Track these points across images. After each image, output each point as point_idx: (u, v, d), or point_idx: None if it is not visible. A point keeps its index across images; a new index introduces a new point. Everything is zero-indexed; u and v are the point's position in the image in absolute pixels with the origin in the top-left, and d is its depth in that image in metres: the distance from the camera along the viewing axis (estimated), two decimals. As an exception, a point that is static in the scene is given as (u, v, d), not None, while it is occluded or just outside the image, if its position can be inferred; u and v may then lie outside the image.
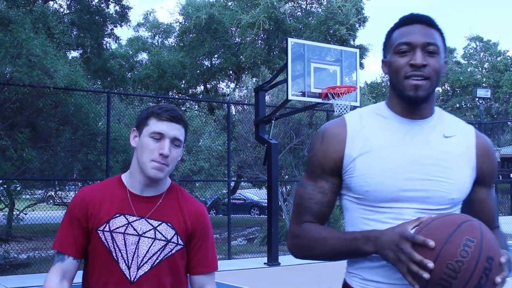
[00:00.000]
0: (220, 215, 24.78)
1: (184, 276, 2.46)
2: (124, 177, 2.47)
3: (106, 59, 24.40)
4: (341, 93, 10.95)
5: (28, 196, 14.39)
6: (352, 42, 23.87)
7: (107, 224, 2.33)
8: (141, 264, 2.33)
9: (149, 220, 2.37)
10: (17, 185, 13.38)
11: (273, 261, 11.70)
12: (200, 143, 16.03)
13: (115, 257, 2.32)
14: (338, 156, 2.13)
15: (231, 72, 26.66)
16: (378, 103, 2.23)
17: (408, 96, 2.06)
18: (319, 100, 11.19)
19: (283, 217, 16.67)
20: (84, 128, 12.45)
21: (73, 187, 16.68)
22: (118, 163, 12.69)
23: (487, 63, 42.51)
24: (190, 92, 27.52)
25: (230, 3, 26.69)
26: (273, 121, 11.87)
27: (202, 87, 28.14)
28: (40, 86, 10.91)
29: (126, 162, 13.02)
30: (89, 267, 2.38)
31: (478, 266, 1.80)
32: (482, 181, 2.21)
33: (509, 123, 44.50)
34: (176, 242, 2.39)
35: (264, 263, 11.91)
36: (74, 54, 23.09)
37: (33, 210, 13.95)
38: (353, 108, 12.35)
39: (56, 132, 12.48)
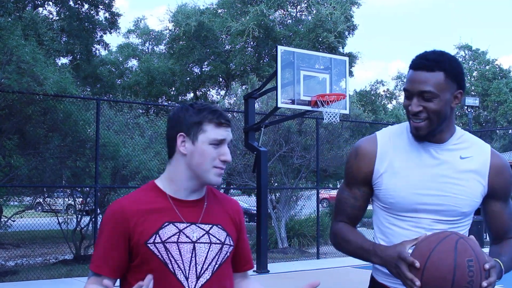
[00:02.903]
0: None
1: (232, 279, 2.41)
2: (160, 183, 2.32)
3: (96, 65, 24.40)
4: (330, 101, 10.97)
5: (16, 203, 14.31)
6: (341, 50, 23.98)
7: (157, 235, 2.18)
8: (201, 272, 2.21)
9: (200, 225, 2.27)
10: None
11: (262, 268, 11.69)
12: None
13: (172, 269, 2.18)
14: (369, 170, 2.51)
15: (221, 79, 26.69)
16: (405, 124, 2.55)
17: (412, 134, 2.43)
18: (309, 108, 11.21)
19: (272, 224, 16.66)
20: (73, 135, 12.41)
21: (62, 194, 16.60)
22: (107, 170, 12.66)
23: (476, 72, 42.76)
24: (179, 99, 27.52)
25: (220, 11, 26.74)
26: (262, 129, 11.88)
27: (192, 94, 28.15)
28: (29, 93, 10.88)
29: (115, 168, 13.00)
30: (134, 284, 2.14)
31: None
32: (494, 196, 2.51)
33: (497, 131, 44.76)
34: (229, 243, 2.32)
35: (253, 271, 11.90)
36: (63, 60, 23.06)
37: (21, 217, 13.87)
38: (343, 116, 12.39)
39: (45, 139, 12.43)
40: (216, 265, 2.25)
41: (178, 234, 2.21)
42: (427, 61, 2.34)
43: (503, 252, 2.46)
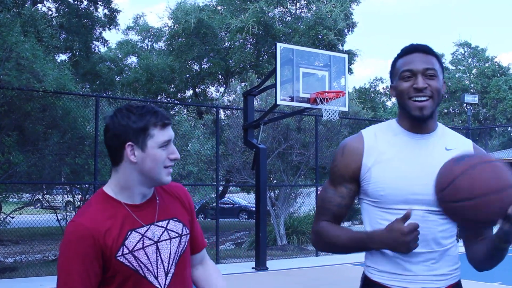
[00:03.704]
0: (209, 219, 24.77)
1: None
2: (112, 192, 2.29)
3: (95, 62, 24.34)
4: (329, 98, 10.98)
5: (15, 200, 14.33)
6: (340, 47, 23.95)
7: (124, 247, 2.19)
8: (168, 268, 2.27)
9: (157, 224, 2.29)
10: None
11: (261, 265, 11.71)
12: (188, 148, 16.00)
13: (142, 273, 2.21)
14: (356, 166, 2.51)
15: (220, 76, 26.67)
16: (390, 121, 2.61)
17: (415, 116, 2.43)
18: (308, 105, 11.22)
19: (271, 221, 16.68)
20: (72, 131, 12.41)
21: (61, 190, 16.61)
22: (106, 166, 12.66)
23: (475, 69, 42.76)
24: (179, 96, 27.50)
25: (219, 8, 26.71)
26: (261, 126, 11.90)
27: (191, 91, 28.12)
28: (29, 90, 10.88)
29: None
30: None
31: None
32: None
33: (496, 128, 44.80)
34: (186, 232, 2.37)
35: (252, 268, 11.91)
36: (62, 57, 23.02)
37: (20, 214, 13.88)
38: (342, 113, 12.40)
39: (44, 136, 12.44)
40: (178, 257, 2.31)
41: (142, 239, 2.23)
42: (423, 46, 2.46)
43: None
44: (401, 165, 2.43)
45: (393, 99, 45.09)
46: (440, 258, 2.42)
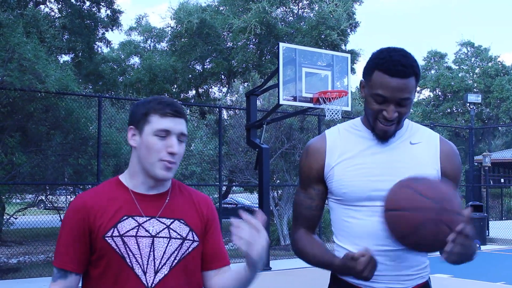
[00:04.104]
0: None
1: (200, 276, 2.32)
2: (123, 178, 2.28)
3: (98, 63, 24.37)
4: (332, 98, 10.96)
5: (18, 201, 14.34)
6: (343, 47, 23.93)
7: (115, 229, 2.13)
8: (159, 267, 2.15)
9: (160, 219, 2.20)
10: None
11: (264, 265, 11.70)
12: (191, 148, 16.01)
13: (129, 263, 2.12)
14: (320, 165, 2.51)
15: (222, 76, 26.67)
16: (355, 119, 2.58)
17: (377, 135, 2.42)
18: (311, 105, 11.21)
19: (275, 221, 16.67)
20: (75, 132, 12.42)
21: (64, 191, 16.62)
22: (109, 167, 12.67)
23: (478, 69, 42.70)
24: (181, 97, 27.48)
25: (222, 8, 26.70)
26: (264, 126, 11.88)
27: (193, 92, 28.13)
28: (31, 90, 10.89)
29: (117, 166, 12.99)
30: (95, 279, 2.18)
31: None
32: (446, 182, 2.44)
33: (499, 128, 44.73)
34: (192, 239, 2.24)
35: (255, 268, 11.90)
36: (65, 58, 23.04)
37: (24, 215, 13.90)
38: (345, 112, 12.38)
39: (47, 136, 12.45)
40: (175, 261, 2.19)
41: (137, 227, 2.15)
42: (404, 67, 2.30)
43: None
44: (364, 162, 2.42)
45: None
46: (405, 257, 2.37)
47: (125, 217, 2.16)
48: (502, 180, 29.54)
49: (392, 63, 2.31)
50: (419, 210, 2.12)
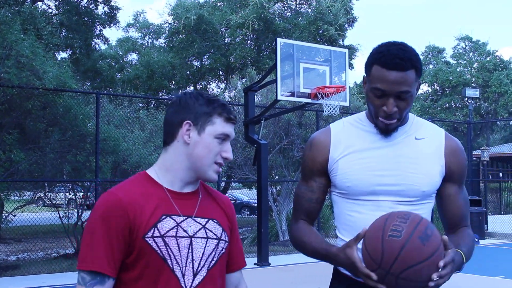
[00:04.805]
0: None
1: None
2: (154, 174, 2.16)
3: (95, 60, 24.38)
4: (330, 93, 10.95)
5: (17, 198, 14.33)
6: (341, 42, 23.94)
7: (155, 229, 2.02)
8: (198, 269, 2.08)
9: (196, 219, 2.13)
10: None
11: (263, 261, 11.70)
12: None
13: (170, 265, 2.03)
14: (324, 158, 2.51)
15: (220, 72, 26.66)
16: (360, 113, 2.58)
17: (380, 130, 2.43)
18: (309, 100, 11.20)
19: (273, 217, 16.67)
20: (73, 129, 12.39)
21: (63, 188, 16.61)
22: (107, 164, 12.66)
23: (476, 63, 42.72)
24: (179, 93, 27.49)
25: (219, 4, 26.69)
26: (262, 122, 11.87)
27: (191, 88, 28.13)
28: (29, 87, 10.87)
29: (115, 163, 12.98)
30: (128, 283, 2.04)
31: None
32: (451, 178, 2.50)
33: (498, 122, 44.77)
34: (225, 239, 2.20)
35: (254, 264, 11.91)
36: (63, 55, 23.04)
37: (22, 212, 13.88)
38: (343, 108, 12.38)
39: (45, 133, 12.43)
40: (213, 262, 2.13)
41: (176, 228, 2.06)
42: (402, 61, 2.28)
43: (463, 243, 2.39)
44: (368, 156, 2.42)
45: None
46: None
47: (164, 216, 2.06)
48: (501, 175, 29.54)
49: (389, 56, 2.31)
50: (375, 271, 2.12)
